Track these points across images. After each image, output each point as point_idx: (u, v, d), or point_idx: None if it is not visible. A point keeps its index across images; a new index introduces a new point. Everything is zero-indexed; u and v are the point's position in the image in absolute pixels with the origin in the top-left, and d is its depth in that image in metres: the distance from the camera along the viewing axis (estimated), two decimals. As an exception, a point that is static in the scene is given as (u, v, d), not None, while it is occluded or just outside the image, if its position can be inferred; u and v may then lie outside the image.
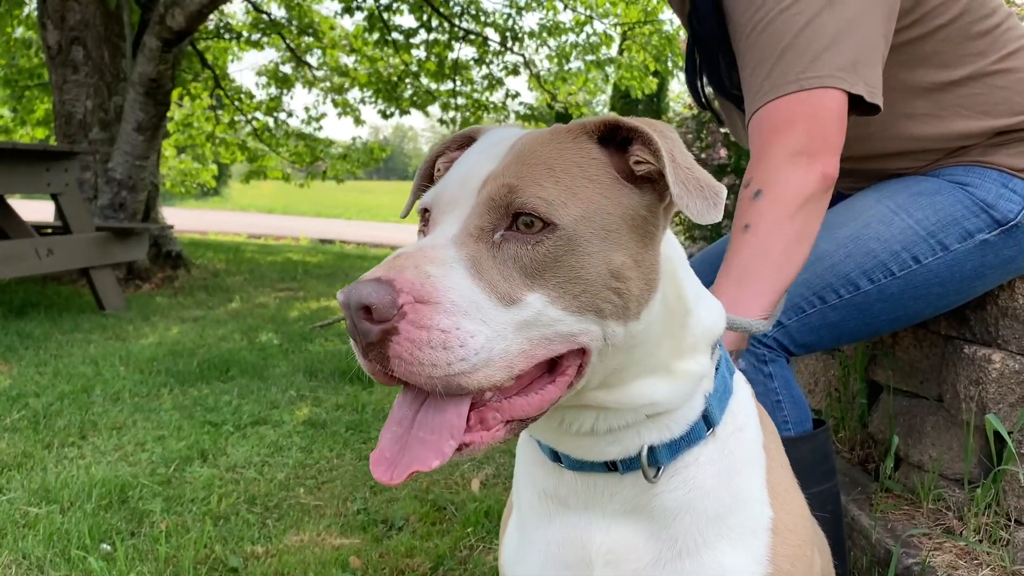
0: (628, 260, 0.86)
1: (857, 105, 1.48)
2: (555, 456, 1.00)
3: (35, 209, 9.87)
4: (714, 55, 1.68)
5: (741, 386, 1.06)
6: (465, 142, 1.07)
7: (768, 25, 1.46)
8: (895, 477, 2.06)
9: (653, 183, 0.91)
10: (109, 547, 2.15)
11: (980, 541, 1.72)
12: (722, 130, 6.01)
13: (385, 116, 11.63)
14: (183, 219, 15.16)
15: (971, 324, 1.85)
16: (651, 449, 0.95)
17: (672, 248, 0.97)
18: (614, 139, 0.92)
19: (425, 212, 0.94)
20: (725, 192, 0.87)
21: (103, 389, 3.59)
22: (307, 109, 12.48)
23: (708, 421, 0.98)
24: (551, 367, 0.87)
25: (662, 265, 0.92)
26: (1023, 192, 1.62)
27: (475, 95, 11.74)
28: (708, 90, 1.87)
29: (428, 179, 1.11)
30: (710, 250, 2.04)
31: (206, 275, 7.87)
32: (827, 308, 1.59)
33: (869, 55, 1.46)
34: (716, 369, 1.00)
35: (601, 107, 16.85)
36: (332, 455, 2.90)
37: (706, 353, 0.98)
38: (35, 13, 10.05)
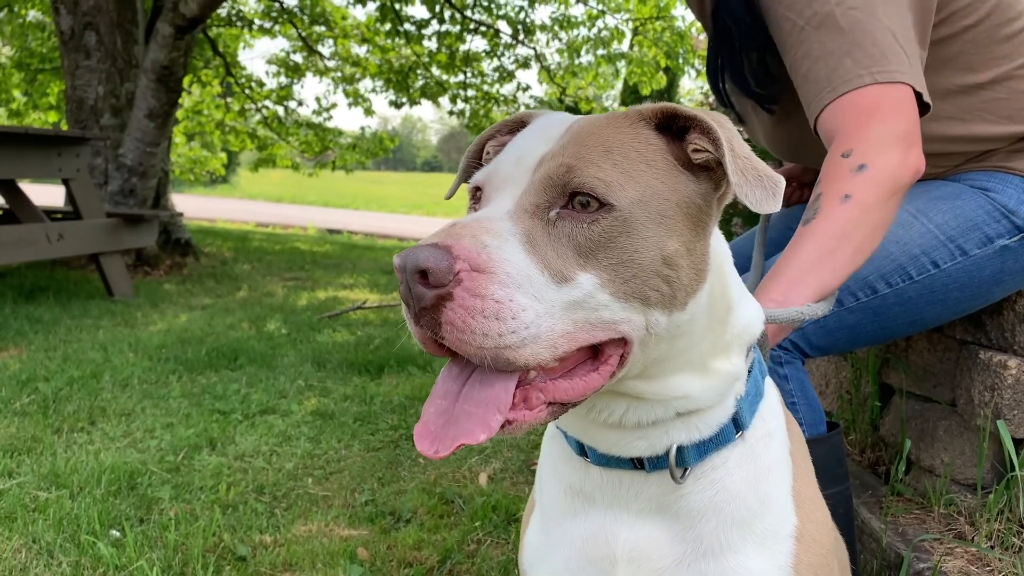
0: (681, 248, 0.87)
1: None
2: (581, 450, 1.00)
3: (44, 193, 9.90)
4: (738, 52, 1.66)
5: (771, 391, 1.06)
6: (516, 127, 1.07)
7: (826, 19, 1.45)
8: (906, 481, 2.05)
9: (709, 172, 0.91)
10: (118, 533, 2.15)
11: (992, 547, 1.71)
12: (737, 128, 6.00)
13: (396, 106, 11.61)
14: (191, 206, 15.20)
15: (987, 329, 1.84)
16: (679, 449, 0.95)
17: (720, 243, 0.97)
18: (671, 127, 0.92)
19: (476, 191, 0.95)
20: (784, 182, 0.87)
21: (112, 375, 3.60)
22: (318, 99, 12.47)
23: (738, 424, 0.98)
24: (594, 353, 0.87)
25: (711, 258, 0.92)
26: None
27: (485, 87, 11.72)
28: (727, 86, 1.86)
29: (477, 162, 1.11)
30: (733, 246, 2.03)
31: (214, 263, 7.88)
32: (844, 311, 1.58)
33: (917, 55, 1.45)
34: (749, 372, 1.00)
35: (611, 102, 16.80)
36: (340, 446, 2.91)
37: (741, 354, 0.98)
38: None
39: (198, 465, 2.66)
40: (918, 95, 1.44)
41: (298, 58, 12.12)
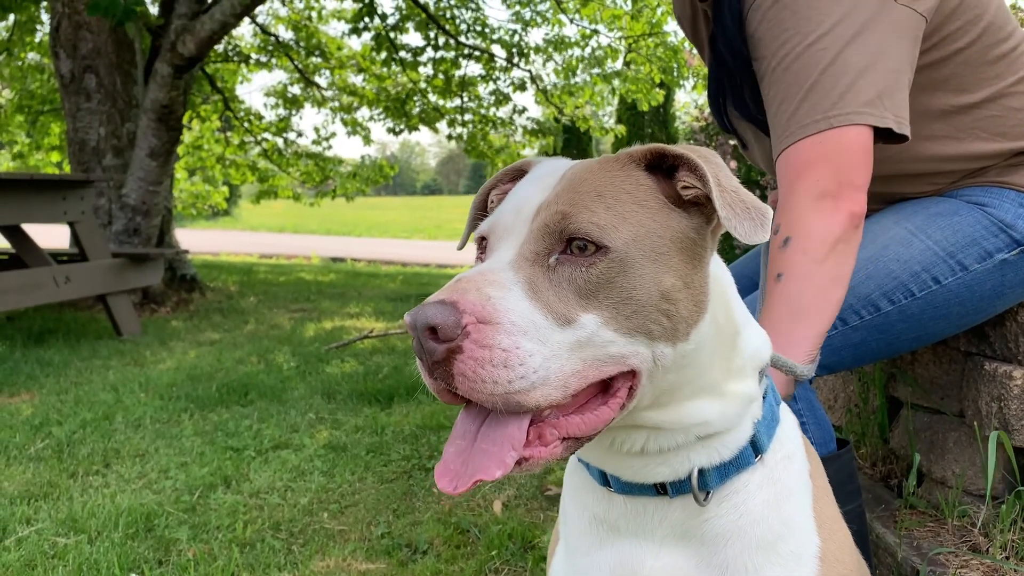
0: (678, 282, 0.90)
1: (884, 136, 1.49)
2: (604, 480, 1.02)
3: (46, 233, 9.97)
4: (737, 79, 1.69)
5: (788, 416, 1.08)
6: (516, 175, 1.11)
7: (794, 61, 1.48)
8: (919, 493, 2.06)
9: (700, 206, 0.94)
10: (138, 577, 2.17)
11: (1007, 558, 1.72)
12: (731, 142, 6.03)
13: (395, 133, 11.69)
14: (194, 240, 15.28)
15: (991, 340, 1.86)
16: (701, 472, 0.97)
17: (721, 269, 1.00)
18: (660, 166, 0.95)
19: (482, 240, 0.98)
20: (771, 213, 0.90)
21: (124, 416, 3.62)
22: (316, 129, 12.56)
23: (756, 447, 1.00)
24: (604, 388, 0.90)
25: (711, 286, 0.95)
26: None
27: (482, 111, 11.80)
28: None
29: (482, 210, 1.15)
30: (733, 268, 2.05)
31: (220, 298, 7.92)
32: (848, 329, 1.60)
33: (895, 84, 1.47)
34: (764, 397, 1.02)
35: (608, 119, 16.89)
36: (354, 478, 2.92)
37: (754, 377, 1.00)
38: (47, 38, 10.20)
39: (214, 504, 2.67)
40: (886, 130, 1.47)
41: (296, 89, 12.22)
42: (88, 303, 6.73)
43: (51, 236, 9.51)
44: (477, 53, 10.95)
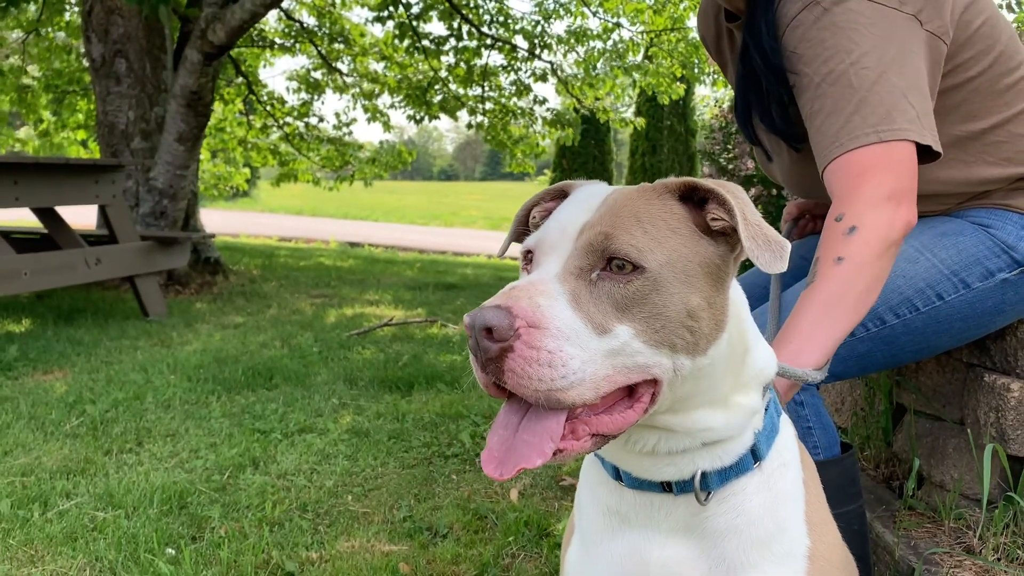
0: (703, 302, 1.01)
1: (920, 155, 1.57)
2: (616, 475, 1.14)
3: (64, 213, 10.13)
4: (765, 93, 1.77)
5: (787, 428, 1.19)
6: (557, 195, 1.23)
7: (840, 77, 1.56)
8: (918, 496, 2.16)
9: (726, 236, 1.06)
10: (174, 551, 2.29)
11: (998, 560, 1.81)
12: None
13: (416, 121, 11.78)
14: (214, 221, 15.45)
15: (992, 353, 1.95)
16: (703, 475, 1.08)
17: (737, 292, 1.11)
18: (692, 197, 1.07)
19: (528, 253, 1.10)
20: (789, 246, 1.01)
21: (154, 396, 3.76)
22: (338, 115, 12.67)
23: (755, 455, 1.11)
24: (628, 392, 1.01)
25: (729, 308, 1.06)
26: None
27: (503, 100, 11.87)
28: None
29: (524, 224, 1.27)
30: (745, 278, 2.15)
31: (243, 281, 8.06)
32: (855, 341, 1.70)
33: (929, 107, 1.57)
34: (766, 410, 1.14)
35: (627, 111, 16.92)
36: (376, 463, 3.04)
37: (758, 392, 1.11)
38: (75, 18, 10.35)
39: (243, 484, 2.79)
40: (926, 147, 1.55)
41: (318, 75, 12.33)
42: (115, 283, 6.89)
43: (69, 217, 9.67)
44: (499, 43, 11.02)
